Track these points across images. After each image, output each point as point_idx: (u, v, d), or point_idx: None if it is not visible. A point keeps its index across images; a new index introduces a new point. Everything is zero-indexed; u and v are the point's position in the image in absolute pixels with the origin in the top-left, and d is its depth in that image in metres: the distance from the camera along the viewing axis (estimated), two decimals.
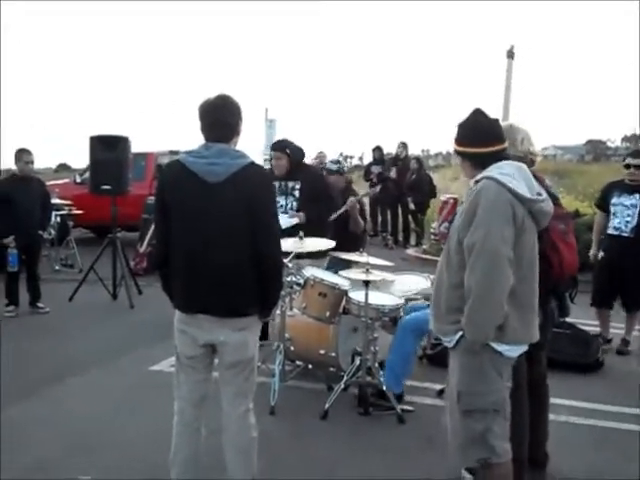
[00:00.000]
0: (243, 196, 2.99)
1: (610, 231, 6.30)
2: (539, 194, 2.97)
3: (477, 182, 2.97)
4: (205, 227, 3.01)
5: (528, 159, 3.57)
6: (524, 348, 3.05)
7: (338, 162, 6.90)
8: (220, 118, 3.07)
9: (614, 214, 6.24)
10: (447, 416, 3.19)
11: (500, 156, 3.05)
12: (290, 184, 5.79)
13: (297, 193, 5.77)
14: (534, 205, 2.92)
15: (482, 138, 3.05)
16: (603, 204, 6.47)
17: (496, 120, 3.13)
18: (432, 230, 3.32)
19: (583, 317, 6.42)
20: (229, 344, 3.11)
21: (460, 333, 2.94)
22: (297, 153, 5.90)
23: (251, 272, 3.05)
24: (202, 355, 3.20)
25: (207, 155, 3.01)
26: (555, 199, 3.60)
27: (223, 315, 3.07)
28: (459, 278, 2.93)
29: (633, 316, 6.48)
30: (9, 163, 8.49)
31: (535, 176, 3.51)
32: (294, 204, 5.76)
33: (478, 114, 3.11)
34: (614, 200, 6.25)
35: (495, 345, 2.90)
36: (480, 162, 3.04)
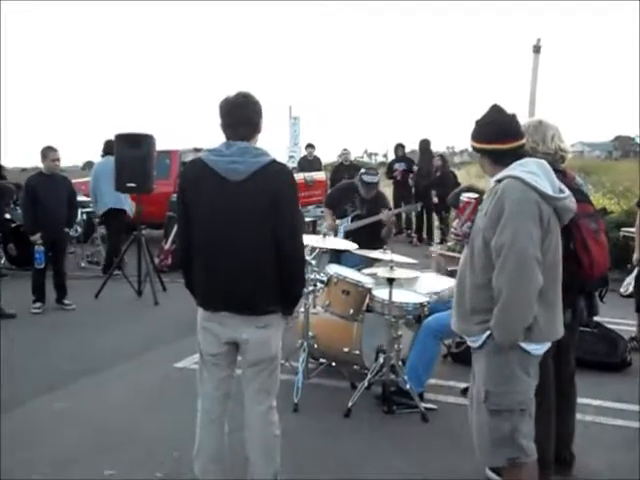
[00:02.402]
0: (265, 194, 2.99)
1: None
2: (561, 190, 2.94)
3: (499, 181, 2.94)
4: (227, 225, 3.02)
5: (559, 156, 3.53)
6: (549, 345, 3.02)
7: (377, 172, 6.70)
8: (241, 116, 3.07)
9: None
10: (472, 415, 3.17)
11: (519, 152, 3.01)
12: None
13: None
14: (558, 202, 2.89)
15: (500, 134, 3.01)
16: None
17: (514, 116, 3.08)
18: (453, 230, 3.28)
19: (612, 315, 6.34)
20: (252, 342, 3.12)
21: (487, 333, 2.93)
22: None
23: (273, 270, 3.06)
24: (225, 352, 3.21)
25: (228, 154, 3.01)
26: (586, 197, 3.56)
27: (245, 313, 3.08)
28: (485, 279, 2.91)
29: None
30: (36, 161, 8.56)
31: (565, 173, 3.48)
32: None
33: (495, 110, 3.08)
34: None
35: (524, 345, 2.89)
36: (499, 159, 3.01)
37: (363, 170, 6.60)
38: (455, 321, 3.16)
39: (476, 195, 3.24)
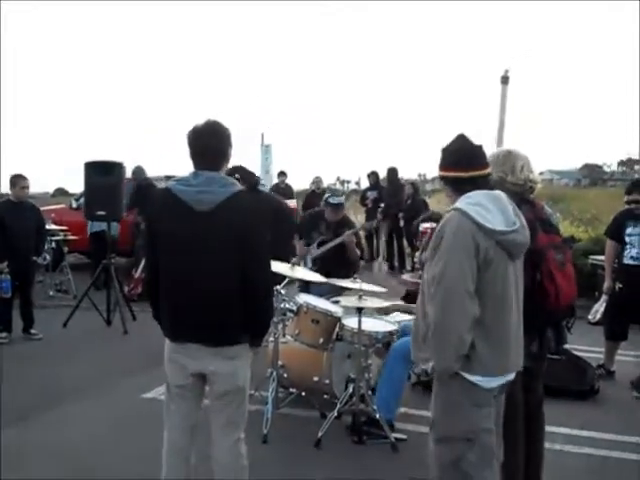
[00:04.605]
0: (232, 224, 2.97)
1: (627, 261, 6.23)
2: (514, 224, 2.89)
3: (448, 212, 2.96)
4: (193, 256, 2.99)
5: (528, 186, 3.54)
6: (502, 380, 2.98)
7: (342, 194, 6.71)
8: (209, 145, 3.06)
9: (631, 244, 6.21)
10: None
11: (479, 182, 2.97)
12: None
13: None
14: (502, 237, 2.83)
15: (461, 162, 3.00)
16: (616, 234, 6.41)
17: (479, 146, 3.07)
18: (415, 260, 3.31)
19: (580, 343, 6.39)
20: (219, 374, 3.08)
21: (432, 362, 2.93)
22: (249, 178, 5.93)
23: (241, 300, 3.03)
24: (192, 384, 3.17)
25: (196, 183, 3.00)
26: (554, 228, 3.58)
27: (212, 344, 3.05)
28: None
29: None
30: (4, 188, 8.48)
31: (533, 203, 3.50)
32: None
33: (461, 139, 3.07)
34: (629, 230, 6.22)
35: (467, 375, 2.87)
36: (459, 187, 2.99)
37: (328, 194, 6.64)
38: (412, 349, 3.16)
39: (433, 225, 3.25)
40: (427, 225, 3.17)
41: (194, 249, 2.99)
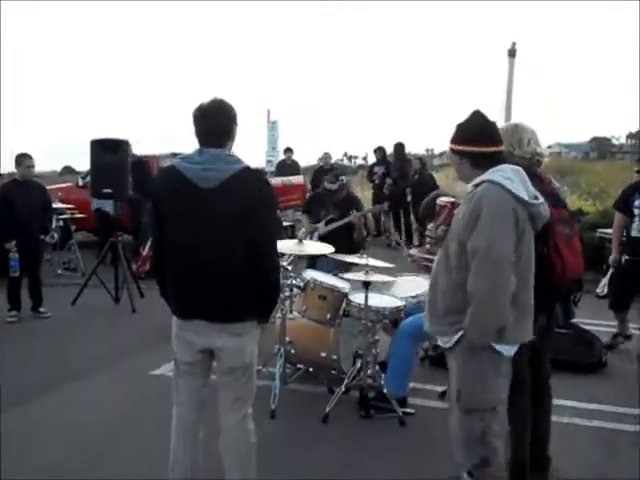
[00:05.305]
0: (238, 201, 2.96)
1: (635, 234, 6.22)
2: (536, 197, 2.96)
3: (477, 185, 2.95)
4: (199, 233, 2.98)
5: (535, 160, 3.53)
6: (516, 348, 3.03)
7: (336, 179, 6.57)
8: (214, 123, 3.04)
9: (639, 217, 6.20)
10: (450, 416, 3.18)
11: (498, 158, 3.03)
12: None
13: None
14: (533, 209, 2.92)
15: (483, 137, 3.03)
16: (624, 207, 6.39)
17: (495, 123, 3.12)
18: (428, 233, 3.29)
19: (588, 317, 6.37)
20: (226, 350, 3.09)
21: (460, 334, 2.95)
22: None
23: (247, 277, 3.02)
24: (200, 361, 3.18)
25: (201, 161, 2.98)
26: (562, 202, 3.57)
27: (219, 320, 3.05)
28: (459, 279, 2.93)
29: None
30: (10, 167, 8.47)
31: (541, 177, 3.49)
32: None
33: (478, 115, 3.11)
34: (638, 203, 6.20)
35: (496, 346, 2.91)
36: (479, 162, 3.01)
37: (327, 176, 6.63)
38: (428, 322, 3.17)
39: (452, 199, 3.25)
40: (446, 199, 3.15)
41: (199, 226, 2.97)
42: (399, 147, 13.96)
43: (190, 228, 2.99)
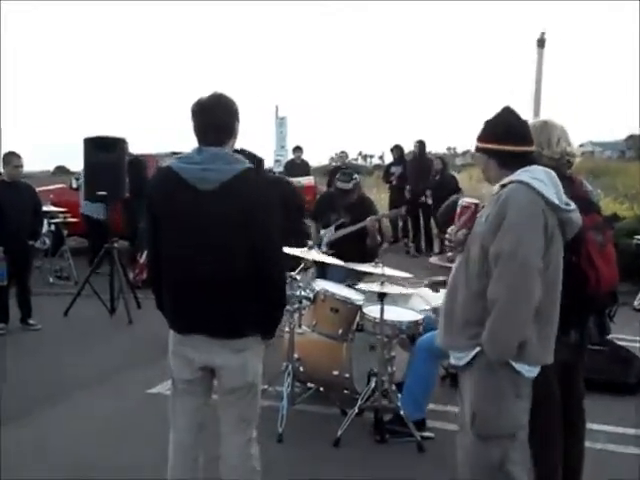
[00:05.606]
0: (239, 204, 2.93)
1: None
2: (567, 204, 2.92)
3: (504, 186, 2.91)
4: (198, 239, 2.96)
5: (565, 160, 3.48)
6: (538, 370, 2.97)
7: (351, 178, 6.43)
8: (214, 119, 3.01)
9: None
10: (458, 440, 3.12)
11: (529, 159, 3.00)
12: None
13: None
14: (564, 214, 2.89)
15: (512, 135, 3.01)
16: None
17: (526, 121, 3.11)
18: (447, 236, 3.24)
19: (622, 332, 6.30)
20: (227, 368, 3.06)
21: (477, 349, 2.90)
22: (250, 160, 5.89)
23: (250, 288, 2.99)
24: (200, 378, 3.16)
25: (200, 160, 2.96)
26: (595, 206, 3.53)
27: (220, 336, 3.02)
28: (480, 288, 2.89)
29: None
30: None
31: (572, 179, 3.45)
32: None
33: (508, 112, 3.08)
34: None
35: (515, 364, 2.86)
36: (507, 162, 2.99)
37: (338, 174, 6.55)
38: (442, 335, 3.12)
39: (476, 201, 3.21)
40: (470, 200, 3.10)
41: (197, 232, 2.95)
42: (421, 145, 13.88)
43: (187, 233, 2.97)
